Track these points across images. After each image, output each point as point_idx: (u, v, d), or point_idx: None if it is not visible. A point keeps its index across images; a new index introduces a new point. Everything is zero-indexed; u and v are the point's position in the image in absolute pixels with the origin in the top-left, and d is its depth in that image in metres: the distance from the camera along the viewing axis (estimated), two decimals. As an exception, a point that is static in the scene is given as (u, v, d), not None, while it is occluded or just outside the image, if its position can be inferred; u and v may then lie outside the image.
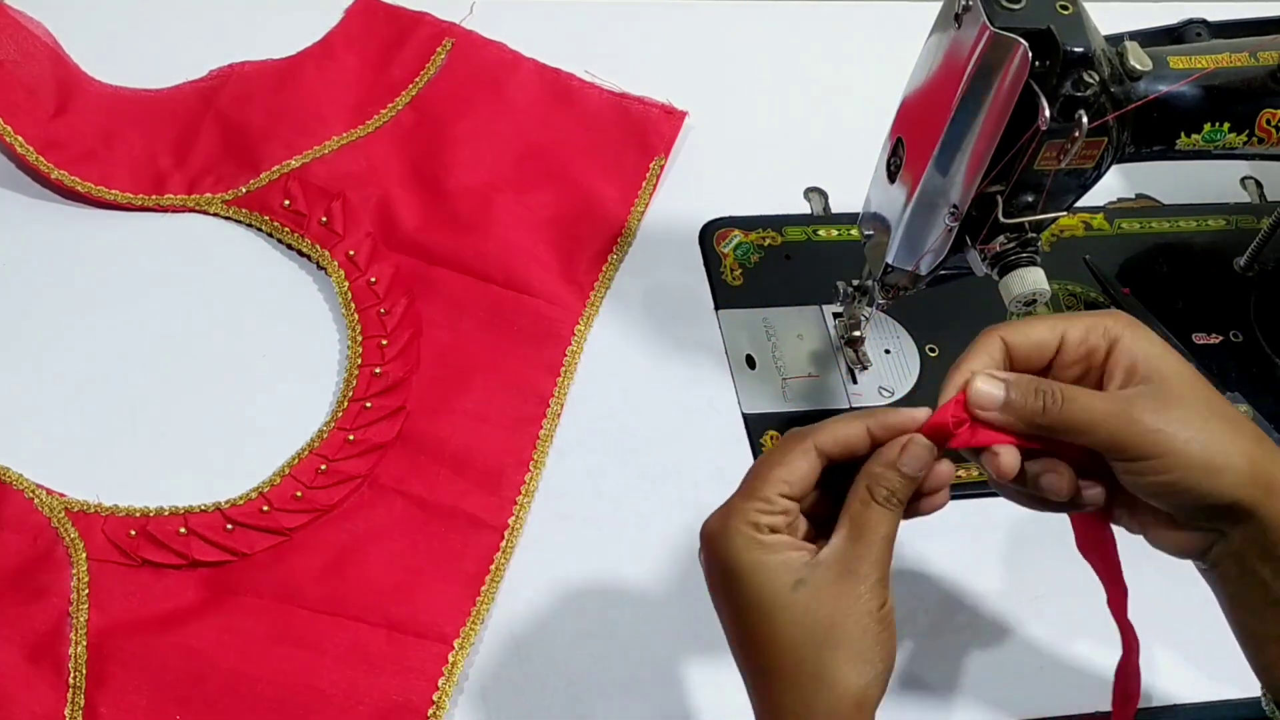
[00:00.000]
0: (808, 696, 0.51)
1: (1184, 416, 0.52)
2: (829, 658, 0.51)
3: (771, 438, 0.77)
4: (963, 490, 0.76)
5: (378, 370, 0.75)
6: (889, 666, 0.52)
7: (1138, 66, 0.65)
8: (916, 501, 0.55)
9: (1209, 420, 0.52)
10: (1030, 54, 0.59)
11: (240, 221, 0.81)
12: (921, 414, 0.54)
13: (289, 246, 0.81)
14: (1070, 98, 0.61)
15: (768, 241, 0.86)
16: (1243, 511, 0.53)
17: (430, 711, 0.64)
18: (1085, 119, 0.61)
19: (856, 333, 0.78)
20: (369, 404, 0.73)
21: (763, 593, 0.52)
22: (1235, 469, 0.52)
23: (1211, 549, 0.54)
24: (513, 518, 0.71)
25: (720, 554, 0.53)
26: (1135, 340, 0.54)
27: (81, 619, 0.65)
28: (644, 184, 0.87)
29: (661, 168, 0.88)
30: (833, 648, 0.51)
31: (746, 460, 0.76)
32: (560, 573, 0.71)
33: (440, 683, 0.65)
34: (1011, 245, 0.67)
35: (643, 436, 0.76)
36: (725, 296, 0.83)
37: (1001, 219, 0.66)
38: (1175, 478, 0.52)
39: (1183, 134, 0.69)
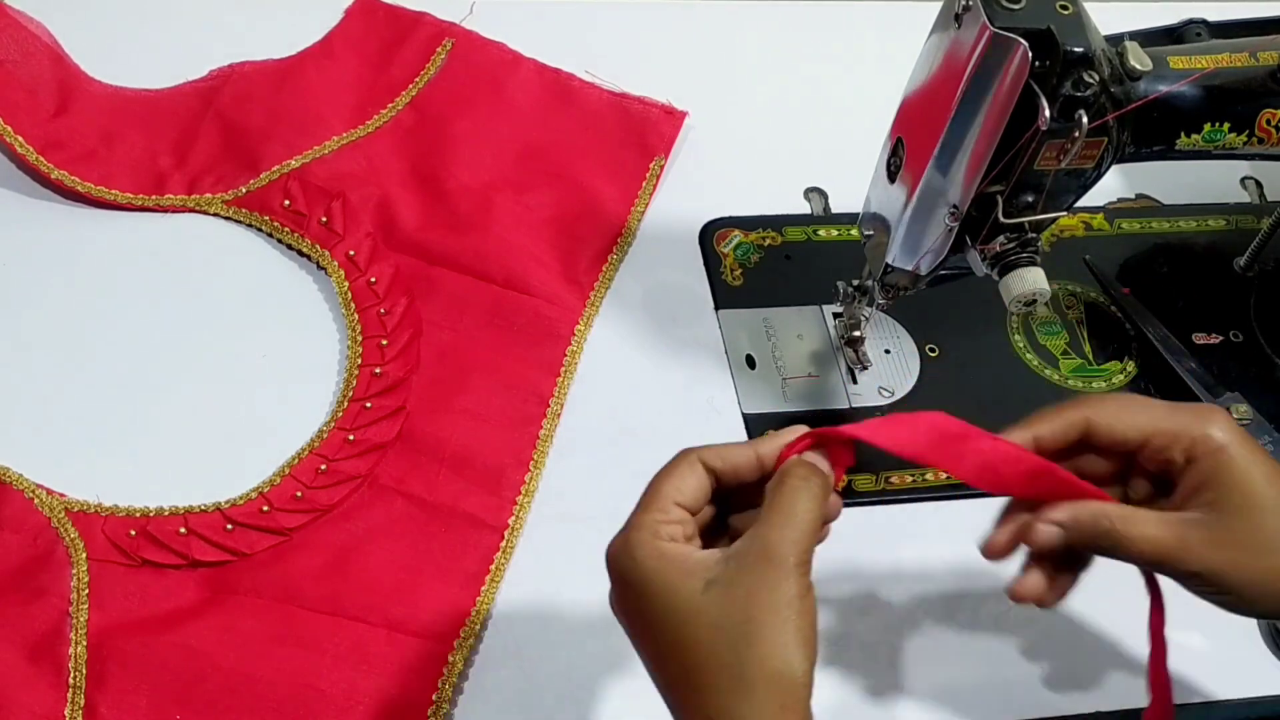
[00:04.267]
0: (730, 700, 0.49)
1: (1242, 545, 0.54)
2: (748, 656, 0.49)
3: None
4: (963, 492, 0.76)
5: (378, 370, 0.75)
6: (812, 659, 0.50)
7: (1138, 66, 0.65)
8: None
9: (1268, 545, 0.54)
10: (1030, 54, 0.59)
11: (240, 221, 0.81)
12: (799, 430, 0.55)
13: (289, 246, 0.81)
14: (1070, 98, 0.61)
15: (768, 241, 0.86)
16: None
17: (430, 711, 0.64)
18: (1085, 119, 0.61)
19: (856, 333, 0.78)
20: (369, 404, 0.73)
21: (674, 599, 0.50)
22: None
23: None
24: (513, 518, 0.71)
25: (626, 569, 0.52)
26: (1214, 455, 0.54)
27: (81, 619, 0.65)
28: (644, 184, 0.87)
29: (661, 168, 0.88)
30: (750, 646, 0.49)
31: (746, 460, 0.76)
32: (560, 573, 0.71)
33: (440, 683, 0.65)
34: (1011, 245, 0.67)
35: (643, 437, 0.76)
36: (725, 296, 0.83)
37: (1001, 219, 0.66)
38: (1227, 600, 0.55)
39: (1183, 134, 0.69)
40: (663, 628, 0.51)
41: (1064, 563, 0.57)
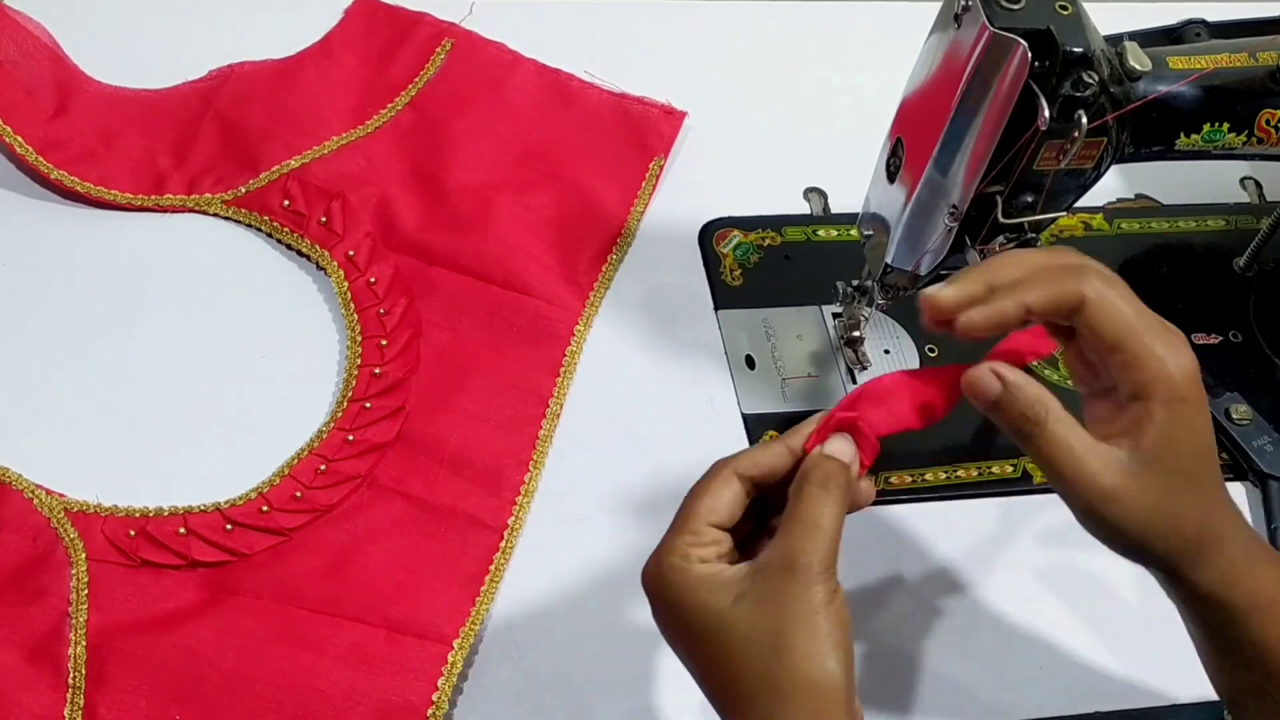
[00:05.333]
0: (767, 712, 0.50)
1: (1150, 502, 0.52)
2: (780, 667, 0.50)
3: (770, 438, 0.77)
4: (960, 491, 0.76)
5: (377, 370, 0.75)
6: (847, 664, 0.50)
7: (1137, 67, 0.65)
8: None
9: (1172, 511, 0.53)
10: (1030, 54, 0.59)
11: (240, 221, 0.81)
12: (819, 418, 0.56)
13: (289, 246, 0.81)
14: (1070, 98, 0.61)
15: (767, 241, 0.86)
16: (1176, 571, 0.54)
17: (430, 711, 0.64)
18: (1085, 119, 0.61)
19: (856, 333, 0.78)
20: (369, 404, 0.73)
21: (706, 618, 0.51)
22: (1172, 549, 0.53)
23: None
24: (512, 518, 0.71)
25: (659, 592, 0.53)
26: (1171, 405, 0.52)
27: (81, 619, 0.65)
28: (644, 184, 0.87)
29: (661, 168, 0.88)
30: (781, 657, 0.50)
31: (746, 460, 0.76)
32: (560, 573, 0.71)
33: (440, 683, 0.65)
34: (1011, 245, 0.67)
35: (643, 436, 0.76)
36: (725, 296, 0.83)
37: (1001, 219, 0.66)
38: (1096, 530, 0.54)
39: (1182, 134, 0.69)
40: (700, 645, 0.52)
41: None
